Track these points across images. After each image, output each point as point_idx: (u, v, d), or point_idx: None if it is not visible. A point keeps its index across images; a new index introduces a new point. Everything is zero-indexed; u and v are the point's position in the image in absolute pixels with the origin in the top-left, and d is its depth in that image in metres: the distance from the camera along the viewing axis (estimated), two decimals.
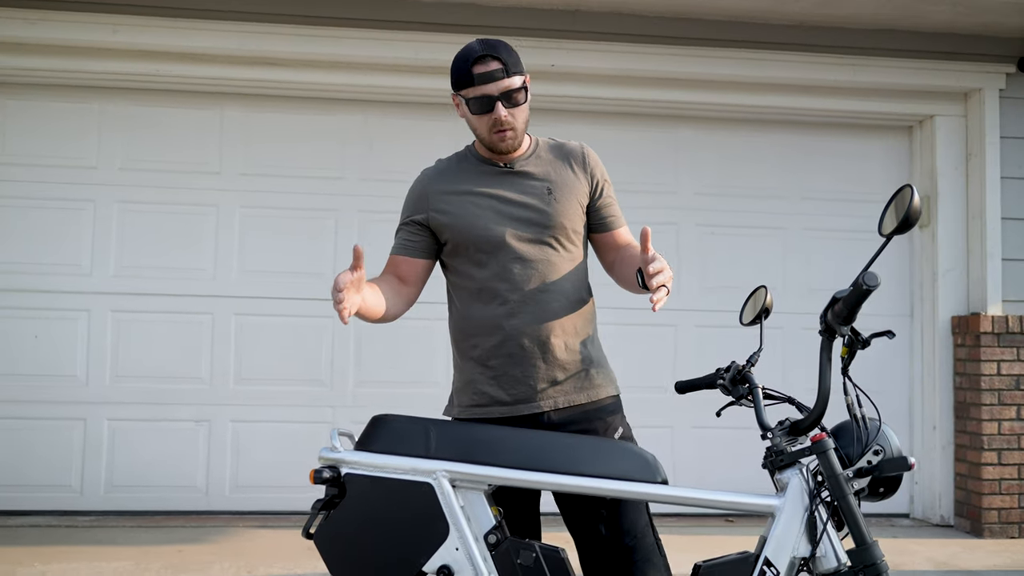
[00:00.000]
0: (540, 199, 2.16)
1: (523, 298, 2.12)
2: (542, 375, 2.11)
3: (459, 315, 2.21)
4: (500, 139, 2.12)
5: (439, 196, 2.19)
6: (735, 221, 5.35)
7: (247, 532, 4.58)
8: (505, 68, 2.07)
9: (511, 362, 2.11)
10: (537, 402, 2.10)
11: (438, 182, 2.22)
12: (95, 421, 4.86)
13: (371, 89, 4.99)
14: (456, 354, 2.23)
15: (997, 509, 4.94)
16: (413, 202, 2.24)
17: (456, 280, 2.22)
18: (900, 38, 5.14)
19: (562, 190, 2.18)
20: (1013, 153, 5.20)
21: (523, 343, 2.11)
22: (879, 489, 1.86)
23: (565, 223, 2.16)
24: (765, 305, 2.25)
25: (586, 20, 4.86)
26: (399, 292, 2.19)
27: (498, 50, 2.09)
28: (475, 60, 2.07)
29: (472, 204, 2.16)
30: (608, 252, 2.28)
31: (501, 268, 2.13)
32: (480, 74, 2.07)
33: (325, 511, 1.89)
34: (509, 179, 2.18)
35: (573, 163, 2.23)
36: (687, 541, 4.62)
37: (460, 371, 2.22)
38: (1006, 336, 5.01)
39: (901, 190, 1.81)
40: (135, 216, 4.96)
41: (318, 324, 5.03)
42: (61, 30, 4.63)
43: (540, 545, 1.88)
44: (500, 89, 2.07)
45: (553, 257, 2.15)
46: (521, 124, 2.14)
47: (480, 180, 2.18)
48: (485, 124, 2.11)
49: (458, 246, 2.18)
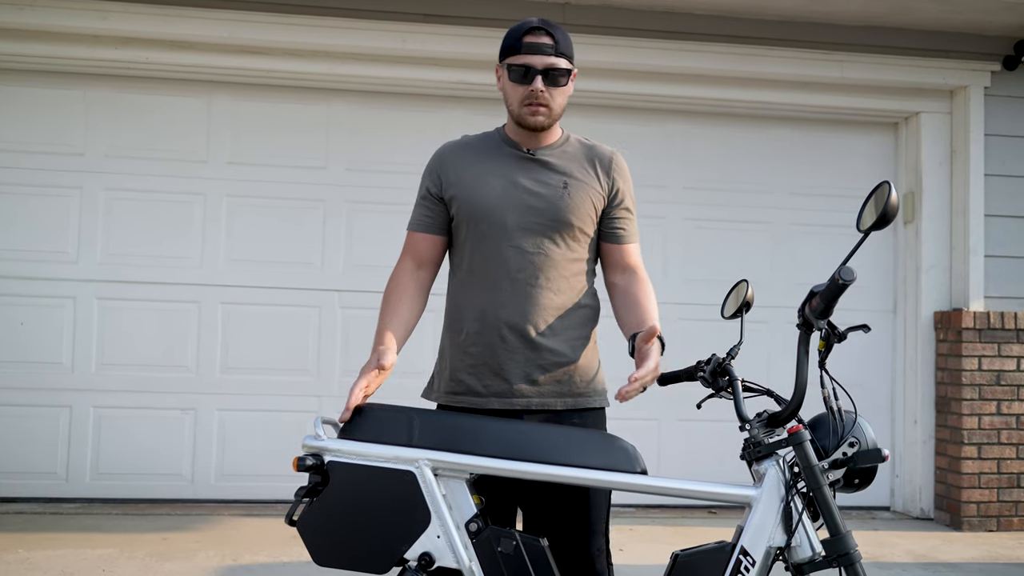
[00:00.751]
0: (553, 191, 2.11)
1: (513, 288, 2.09)
2: (519, 372, 2.08)
3: (451, 296, 2.19)
4: (531, 113, 2.08)
5: (455, 165, 2.16)
6: (722, 215, 5.37)
7: (232, 520, 4.60)
8: (555, 46, 2.06)
9: (490, 352, 2.09)
10: (510, 399, 2.07)
11: (458, 152, 2.19)
12: (81, 408, 4.86)
13: (359, 79, 4.99)
14: (443, 336, 2.21)
15: (976, 503, 5.00)
16: (430, 170, 2.21)
17: (455, 258, 2.20)
18: (887, 35, 5.17)
19: (578, 188, 2.13)
20: (998, 151, 5.24)
21: (504, 335, 2.08)
22: (854, 480, 1.89)
23: (573, 220, 2.11)
24: (747, 299, 2.27)
25: (577, 13, 4.87)
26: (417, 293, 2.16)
27: (553, 29, 2.08)
28: (528, 30, 2.06)
29: (484, 181, 2.12)
30: (612, 270, 2.21)
31: (497, 252, 2.10)
32: (529, 43, 2.05)
33: (308, 499, 1.91)
34: (528, 165, 2.14)
35: (598, 165, 2.17)
36: (670, 532, 4.66)
37: (442, 355, 2.21)
38: (987, 332, 5.06)
39: (879, 187, 1.83)
40: (122, 204, 4.95)
41: (304, 313, 5.04)
42: (49, 16, 4.61)
43: (521, 534, 1.90)
44: (544, 64, 2.05)
45: (553, 252, 2.11)
46: (556, 107, 2.09)
47: (499, 160, 2.15)
48: (519, 95, 2.07)
49: (461, 220, 2.14)
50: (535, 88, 2.05)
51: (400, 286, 2.16)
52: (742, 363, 2.19)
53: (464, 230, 2.15)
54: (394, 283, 2.17)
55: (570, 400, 2.11)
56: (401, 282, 2.16)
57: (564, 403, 2.11)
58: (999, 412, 5.06)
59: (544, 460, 1.90)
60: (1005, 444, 5.05)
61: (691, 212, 5.35)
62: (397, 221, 5.05)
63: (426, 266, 2.19)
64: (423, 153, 5.43)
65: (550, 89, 2.07)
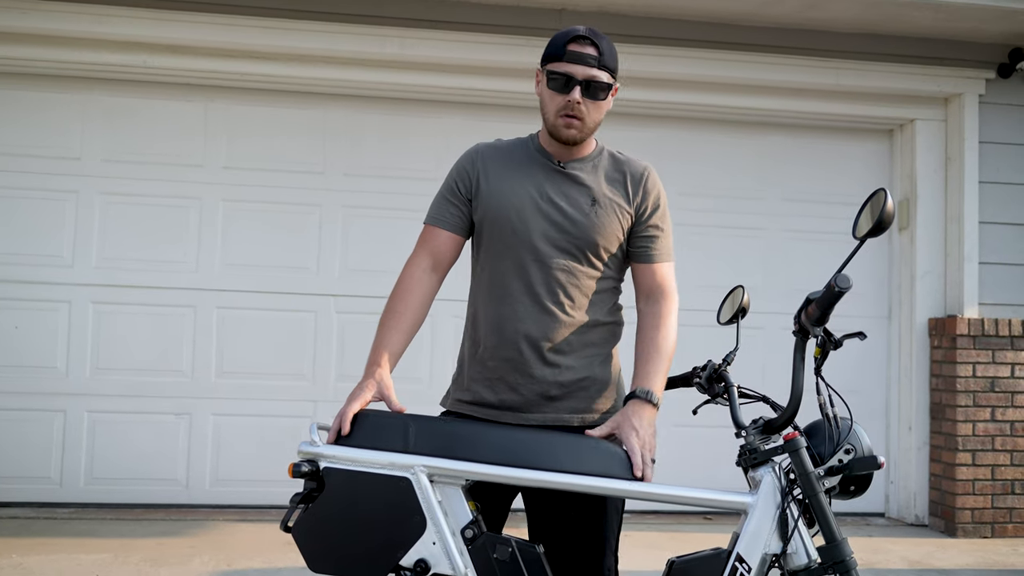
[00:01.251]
0: (580, 208, 2.06)
1: (533, 302, 2.05)
2: (536, 388, 2.05)
3: (472, 307, 2.16)
4: (565, 124, 2.03)
5: (487, 169, 2.11)
6: (716, 221, 5.39)
7: (227, 526, 4.59)
8: (600, 58, 2.00)
9: (507, 367, 2.06)
10: (525, 414, 2.05)
11: (490, 156, 2.14)
12: (75, 413, 4.84)
13: (357, 84, 4.99)
14: (463, 344, 2.18)
15: (971, 509, 5.01)
16: (461, 169, 2.14)
17: (477, 268, 2.16)
18: (882, 42, 5.19)
19: (606, 206, 2.08)
20: (992, 158, 5.26)
21: (522, 349, 2.05)
22: (850, 487, 1.89)
23: (597, 239, 2.06)
24: (742, 304, 2.28)
25: (571, 20, 4.88)
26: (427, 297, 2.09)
27: (600, 39, 2.02)
28: (574, 38, 2.01)
29: (513, 191, 2.08)
30: (638, 292, 2.15)
31: (519, 265, 2.06)
32: (572, 52, 2.00)
33: (303, 505, 1.90)
34: (557, 178, 2.09)
35: (629, 182, 2.12)
36: (665, 537, 4.66)
37: (460, 363, 2.18)
38: (982, 339, 5.07)
39: (875, 194, 1.84)
40: (118, 208, 4.94)
41: (300, 318, 5.04)
42: (47, 20, 4.61)
43: (517, 540, 1.90)
44: (585, 75, 2.00)
45: (576, 269, 2.06)
46: (591, 122, 2.05)
47: (529, 169, 2.10)
48: (556, 104, 2.03)
49: (485, 228, 2.10)
50: (572, 99, 2.01)
51: (410, 292, 2.08)
52: (737, 369, 2.18)
53: (487, 237, 2.11)
54: (405, 286, 2.09)
55: (587, 417, 2.08)
56: (411, 287, 2.08)
57: (580, 420, 2.07)
58: (993, 419, 5.07)
59: (540, 467, 1.90)
60: (999, 451, 5.06)
61: (686, 218, 5.35)
62: (394, 226, 5.09)
63: (440, 268, 2.13)
64: (420, 158, 5.47)
65: (587, 102, 2.02)
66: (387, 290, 2.15)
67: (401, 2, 4.83)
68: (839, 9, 4.85)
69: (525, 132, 2.33)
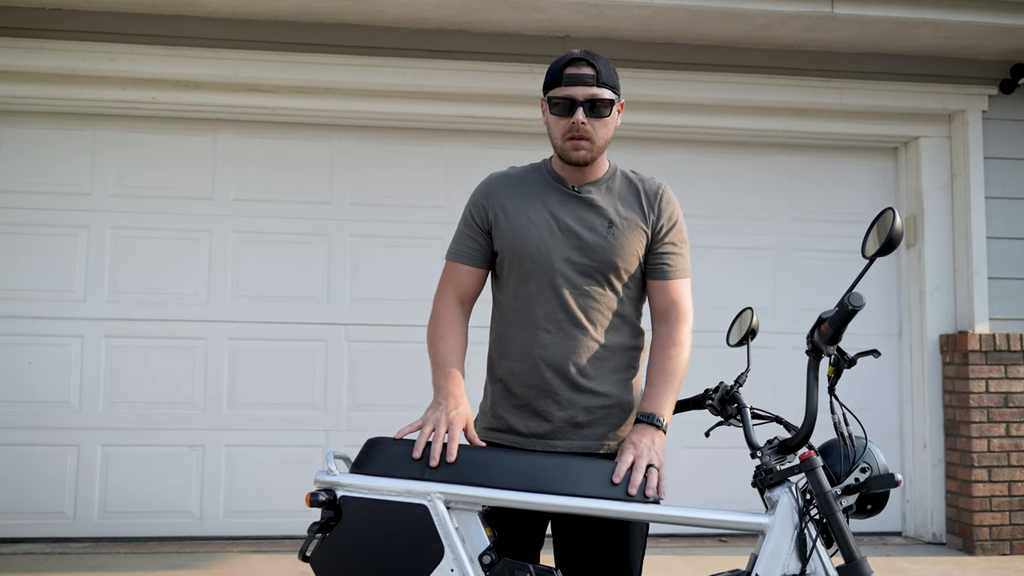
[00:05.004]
0: (597, 232, 2.07)
1: (557, 329, 2.05)
2: (563, 414, 2.05)
3: (495, 335, 2.16)
4: (573, 147, 2.04)
5: (501, 200, 2.13)
6: (726, 242, 5.39)
7: (241, 557, 4.57)
8: (597, 77, 2.00)
9: (533, 394, 2.06)
10: (551, 440, 2.05)
11: (504, 186, 2.15)
12: (88, 447, 4.85)
13: (362, 115, 5.04)
14: (487, 373, 2.18)
15: (988, 526, 4.97)
16: (475, 203, 2.16)
17: (499, 296, 2.17)
18: (885, 61, 5.22)
19: (623, 228, 2.08)
20: (997, 173, 5.27)
21: (548, 377, 2.05)
22: (867, 506, 1.88)
23: (618, 262, 2.07)
24: (751, 326, 2.28)
25: (575, 46, 4.92)
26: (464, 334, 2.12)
27: (595, 59, 2.02)
28: (569, 61, 2.02)
29: (530, 220, 2.08)
30: (653, 310, 2.15)
31: (540, 293, 2.06)
32: (570, 75, 2.01)
33: (321, 534, 1.90)
34: (573, 203, 2.10)
35: (644, 202, 2.12)
36: (681, 561, 4.63)
37: (487, 391, 2.18)
38: (993, 354, 5.05)
39: (883, 213, 1.85)
40: (128, 242, 4.98)
41: (311, 348, 5.05)
42: (57, 58, 4.68)
43: (534, 566, 1.89)
44: (586, 95, 2.00)
45: (597, 293, 2.07)
46: (600, 140, 2.05)
47: (544, 197, 2.11)
48: (561, 128, 2.04)
49: (505, 258, 2.11)
50: (576, 120, 2.01)
51: (448, 323, 2.11)
52: (749, 390, 2.18)
53: (508, 268, 2.12)
54: (442, 318, 2.11)
55: (612, 444, 2.08)
56: (446, 317, 2.11)
57: (607, 447, 2.08)
58: (1008, 434, 5.04)
59: (556, 491, 1.90)
60: (1016, 467, 5.02)
61: (694, 240, 5.29)
62: (402, 254, 5.12)
63: (467, 301, 2.16)
64: (426, 187, 5.51)
65: (592, 121, 2.02)
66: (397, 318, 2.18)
67: (404, 33, 4.89)
68: (840, 30, 4.88)
69: (531, 158, 2.34)
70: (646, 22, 4.79)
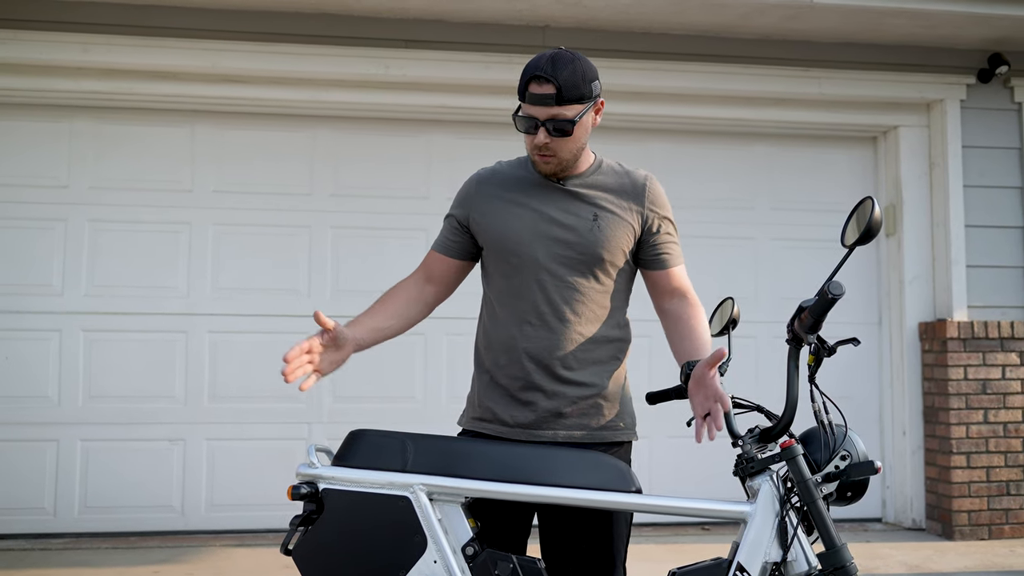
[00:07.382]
0: (582, 224, 2.07)
1: (541, 322, 2.07)
2: (547, 405, 2.06)
3: (482, 327, 2.19)
4: (541, 161, 2.06)
5: (484, 198, 2.15)
6: (705, 232, 5.41)
7: (224, 551, 4.56)
8: (559, 95, 1.96)
9: (518, 385, 2.08)
10: (536, 430, 2.06)
11: (488, 183, 2.17)
12: (68, 442, 4.81)
13: (342, 105, 5.01)
14: (474, 364, 2.20)
15: (967, 512, 5.02)
16: (459, 200, 2.21)
17: (486, 289, 2.20)
18: (863, 51, 5.24)
19: (609, 220, 2.09)
20: (975, 162, 5.31)
21: (531, 369, 2.07)
22: (847, 493, 1.90)
23: (603, 254, 2.08)
24: (732, 316, 2.29)
25: (555, 36, 4.92)
26: (415, 299, 2.19)
27: (559, 73, 1.95)
28: (532, 77, 1.98)
29: (512, 214, 2.10)
30: (660, 296, 2.18)
31: (525, 286, 2.08)
32: (532, 94, 1.99)
33: (303, 527, 1.90)
34: (558, 196, 2.11)
35: (630, 194, 2.13)
36: (664, 550, 4.66)
37: (473, 383, 2.20)
38: (972, 341, 5.10)
39: (862, 202, 1.86)
40: (107, 235, 4.94)
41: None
42: (31, 49, 4.62)
43: (517, 557, 1.90)
44: (547, 115, 1.99)
45: (582, 286, 2.08)
46: (567, 154, 2.05)
47: (529, 191, 2.12)
48: (528, 143, 2.06)
49: (490, 253, 2.14)
50: (538, 142, 2.02)
51: (399, 287, 2.21)
52: (730, 379, 2.19)
53: (494, 262, 2.15)
54: (395, 285, 2.21)
55: (596, 433, 2.09)
56: (402, 284, 2.22)
57: (591, 436, 2.08)
58: (986, 421, 5.09)
59: (538, 481, 1.91)
60: (993, 452, 5.08)
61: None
62: (383, 246, 5.10)
63: (434, 281, 2.22)
64: (407, 177, 5.49)
65: (555, 140, 2.01)
66: None
67: (384, 23, 4.86)
68: (819, 19, 4.90)
69: (512, 148, 2.34)
70: (625, 11, 4.79)
